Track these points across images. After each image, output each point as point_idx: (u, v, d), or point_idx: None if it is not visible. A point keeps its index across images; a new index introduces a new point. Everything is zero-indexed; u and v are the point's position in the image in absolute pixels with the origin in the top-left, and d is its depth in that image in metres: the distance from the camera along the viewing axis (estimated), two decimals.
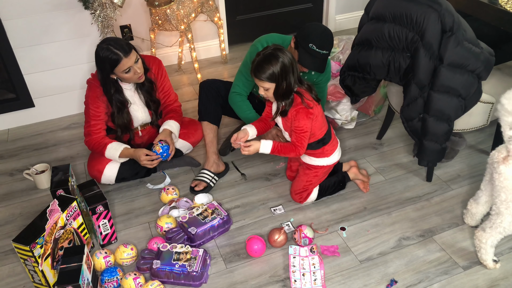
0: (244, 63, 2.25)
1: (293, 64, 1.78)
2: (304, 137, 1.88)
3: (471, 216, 1.98)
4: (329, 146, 2.02)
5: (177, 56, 3.47)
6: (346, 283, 1.80)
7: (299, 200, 2.15)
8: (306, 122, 1.84)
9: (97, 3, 2.36)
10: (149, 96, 2.24)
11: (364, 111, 2.79)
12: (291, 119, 1.87)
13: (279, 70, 1.74)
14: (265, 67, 1.75)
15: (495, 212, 1.73)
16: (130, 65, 2.01)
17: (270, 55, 1.75)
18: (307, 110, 1.83)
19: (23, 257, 1.64)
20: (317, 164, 2.06)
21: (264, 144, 1.92)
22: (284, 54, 1.76)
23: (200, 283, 1.80)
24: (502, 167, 1.65)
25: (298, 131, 1.87)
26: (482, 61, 1.89)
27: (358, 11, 3.93)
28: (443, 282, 1.80)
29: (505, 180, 1.65)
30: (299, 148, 1.90)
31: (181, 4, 2.87)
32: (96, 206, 1.87)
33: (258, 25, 3.72)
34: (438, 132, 2.02)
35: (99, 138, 2.18)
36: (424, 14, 1.84)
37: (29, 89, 2.75)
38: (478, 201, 1.91)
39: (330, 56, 2.82)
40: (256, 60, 1.79)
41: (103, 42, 2.00)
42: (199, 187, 2.25)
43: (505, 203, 1.67)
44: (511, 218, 1.69)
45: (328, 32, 2.01)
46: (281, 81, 1.77)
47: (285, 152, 1.93)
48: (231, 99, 2.28)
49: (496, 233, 1.75)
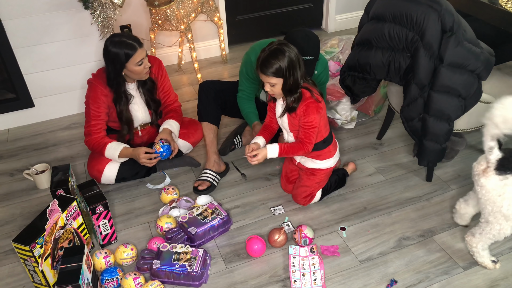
0: (240, 71, 2.27)
1: (299, 59, 1.77)
2: (313, 133, 1.86)
3: (460, 216, 1.98)
4: (332, 145, 2.03)
5: (177, 56, 3.47)
6: (346, 283, 1.80)
7: (303, 203, 2.15)
8: (316, 116, 1.82)
9: (97, 3, 2.36)
10: (150, 95, 2.25)
11: (364, 111, 2.79)
12: (300, 115, 1.84)
13: (286, 64, 1.72)
14: (272, 62, 1.72)
15: (484, 220, 1.73)
16: (143, 56, 2.04)
17: (276, 50, 1.72)
18: (317, 104, 1.82)
19: (23, 257, 1.64)
20: (321, 167, 2.06)
21: (271, 148, 1.90)
22: (290, 48, 1.74)
23: (200, 283, 1.80)
24: (482, 179, 1.64)
25: (307, 127, 1.84)
26: (482, 61, 1.89)
27: (358, 11, 3.93)
28: (443, 282, 1.80)
29: (487, 193, 1.64)
30: (308, 145, 1.87)
31: (181, 4, 2.87)
32: (96, 206, 1.87)
33: (258, 25, 3.72)
34: (438, 132, 2.02)
35: (99, 138, 2.18)
36: (424, 14, 1.84)
37: (29, 89, 2.75)
38: (468, 202, 1.91)
39: (330, 56, 2.83)
40: (261, 56, 1.75)
41: (114, 36, 2.01)
42: (202, 186, 2.25)
43: (492, 213, 1.67)
44: (499, 226, 1.68)
45: (311, 37, 2.00)
46: (289, 76, 1.74)
47: (293, 152, 1.91)
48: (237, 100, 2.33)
49: (486, 238, 1.75)
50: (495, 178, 1.60)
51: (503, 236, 1.70)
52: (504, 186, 1.59)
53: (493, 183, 1.61)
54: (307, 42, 1.98)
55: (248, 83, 2.27)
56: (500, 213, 1.64)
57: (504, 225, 1.67)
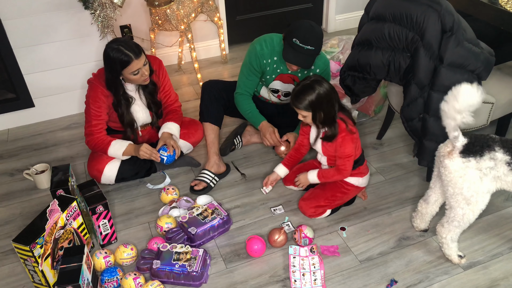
0: (244, 63, 2.26)
1: (331, 94, 1.86)
2: (349, 162, 1.95)
3: (420, 217, 1.98)
4: (363, 167, 2.07)
5: (177, 56, 3.47)
6: (346, 283, 1.80)
7: (311, 214, 2.08)
8: (351, 147, 1.91)
9: (97, 3, 2.36)
10: (151, 97, 2.24)
11: (364, 111, 2.79)
12: (336, 146, 1.93)
13: (314, 99, 1.83)
14: (301, 97, 1.85)
15: (448, 206, 1.77)
16: (139, 67, 2.02)
17: (307, 85, 1.85)
18: (352, 135, 1.91)
19: (23, 257, 1.64)
20: (349, 182, 2.06)
21: (311, 175, 2.05)
22: (321, 85, 1.84)
23: (200, 283, 1.80)
24: (447, 161, 1.68)
25: (344, 157, 1.93)
26: (482, 61, 1.89)
27: (358, 11, 3.93)
28: (443, 282, 1.80)
29: (449, 173, 1.68)
30: (344, 172, 1.97)
31: (181, 4, 2.87)
32: (96, 206, 1.87)
33: (258, 25, 3.72)
34: (438, 132, 2.02)
35: (101, 136, 2.18)
36: (424, 14, 1.84)
37: (29, 89, 2.75)
38: (428, 200, 1.92)
39: (330, 56, 2.82)
40: (294, 88, 1.89)
41: (114, 42, 2.00)
42: (198, 186, 2.25)
43: (454, 196, 1.70)
44: (462, 211, 1.71)
45: (316, 29, 2.02)
46: (318, 110, 1.85)
47: (330, 178, 2.02)
48: (235, 100, 2.32)
49: (453, 227, 1.77)
50: (458, 160, 1.66)
51: (467, 222, 1.74)
52: (466, 168, 1.64)
53: (456, 165, 1.66)
54: (310, 32, 2.00)
55: (250, 76, 2.25)
56: (461, 195, 1.68)
57: (466, 210, 1.70)
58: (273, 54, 2.19)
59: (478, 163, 1.63)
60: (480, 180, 1.65)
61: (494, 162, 1.62)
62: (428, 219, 1.97)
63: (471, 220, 1.73)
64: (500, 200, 2.16)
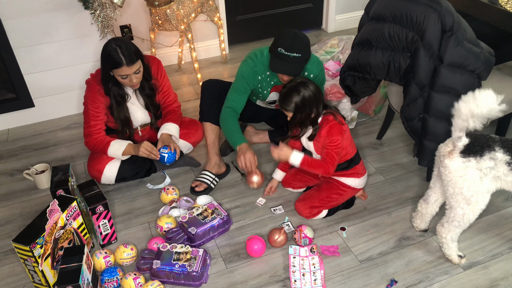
0: (237, 76, 2.20)
1: (316, 95, 1.88)
2: (335, 153, 1.92)
3: (420, 217, 1.98)
4: (360, 167, 2.06)
5: (177, 56, 3.47)
6: (346, 283, 1.80)
7: (307, 215, 2.07)
8: (338, 137, 1.90)
9: (97, 3, 2.36)
10: (149, 100, 2.24)
11: (364, 111, 2.79)
12: (324, 136, 1.92)
13: (299, 101, 1.86)
14: (287, 99, 1.88)
15: (448, 206, 1.77)
16: (128, 73, 2.03)
17: (293, 88, 1.87)
18: (340, 126, 1.91)
19: (23, 257, 1.64)
20: (346, 183, 2.06)
21: (295, 155, 1.96)
22: (306, 87, 1.86)
23: (200, 283, 1.80)
24: (447, 160, 1.68)
25: (330, 146, 1.91)
26: (482, 61, 1.89)
27: (358, 11, 3.93)
28: (443, 282, 1.80)
29: (449, 173, 1.68)
30: (329, 165, 1.93)
31: (181, 4, 2.87)
32: (96, 206, 1.87)
33: (258, 25, 3.72)
34: (438, 132, 2.02)
35: (100, 137, 2.18)
36: (424, 14, 1.84)
37: (29, 89, 2.75)
38: (428, 200, 1.92)
39: (330, 56, 2.83)
40: (281, 92, 1.92)
41: (116, 41, 2.01)
42: (199, 187, 2.25)
43: (454, 196, 1.70)
44: (462, 211, 1.71)
45: (300, 35, 1.99)
46: (302, 111, 1.87)
47: (314, 167, 1.96)
48: (222, 112, 2.21)
49: (453, 227, 1.77)
50: (459, 160, 1.65)
51: (467, 222, 1.74)
52: (466, 168, 1.64)
53: (456, 165, 1.66)
54: (294, 39, 1.97)
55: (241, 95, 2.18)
56: (461, 195, 1.68)
57: (466, 210, 1.70)
58: (266, 69, 2.15)
59: (478, 163, 1.63)
60: (480, 180, 1.65)
61: (494, 162, 1.62)
62: (428, 219, 1.97)
63: (471, 220, 1.73)
64: (500, 200, 2.16)
